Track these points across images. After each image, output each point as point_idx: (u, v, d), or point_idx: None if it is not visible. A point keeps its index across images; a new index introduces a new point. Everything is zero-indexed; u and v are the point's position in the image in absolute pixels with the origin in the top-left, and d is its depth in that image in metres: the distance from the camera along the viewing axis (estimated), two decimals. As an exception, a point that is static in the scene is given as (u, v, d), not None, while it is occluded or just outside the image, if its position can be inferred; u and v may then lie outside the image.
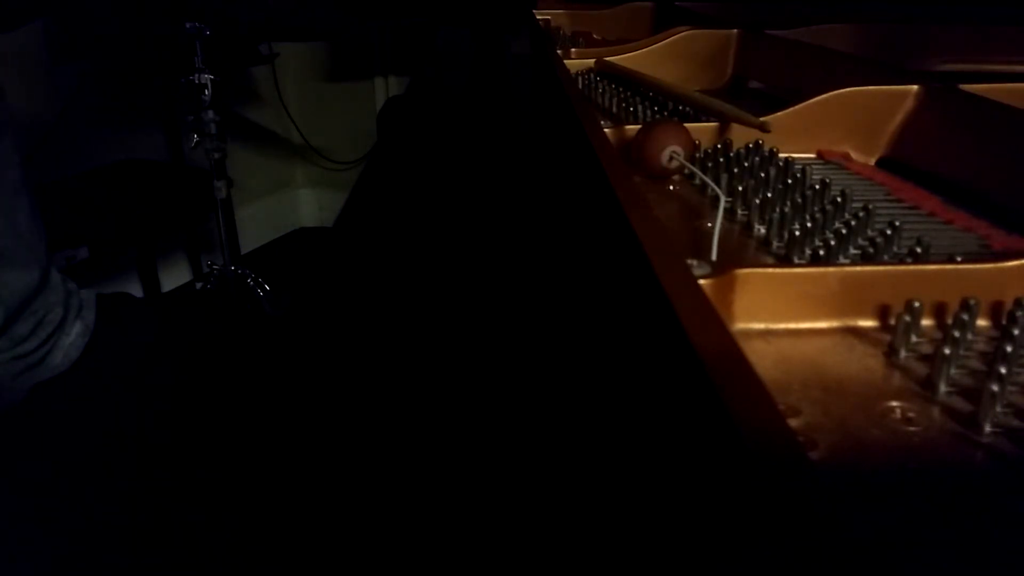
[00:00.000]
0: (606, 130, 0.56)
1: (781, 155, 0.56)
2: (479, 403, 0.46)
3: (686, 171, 0.55)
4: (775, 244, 0.44)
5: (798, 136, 0.59)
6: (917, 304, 0.33)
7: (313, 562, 0.39)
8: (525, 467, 0.40)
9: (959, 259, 0.37)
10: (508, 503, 0.39)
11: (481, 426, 0.45)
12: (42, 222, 0.90)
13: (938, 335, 0.34)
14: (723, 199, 0.46)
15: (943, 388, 0.31)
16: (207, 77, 1.61)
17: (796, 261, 0.41)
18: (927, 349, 0.34)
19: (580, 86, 0.86)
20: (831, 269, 0.36)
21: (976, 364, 0.33)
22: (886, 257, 0.41)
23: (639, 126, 0.56)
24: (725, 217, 0.48)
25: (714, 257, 0.39)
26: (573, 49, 0.95)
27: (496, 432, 0.44)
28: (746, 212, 0.48)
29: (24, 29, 1.41)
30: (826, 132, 0.59)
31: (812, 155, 0.60)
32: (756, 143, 0.57)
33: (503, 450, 0.42)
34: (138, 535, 0.77)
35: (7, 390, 0.88)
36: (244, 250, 1.84)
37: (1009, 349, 0.31)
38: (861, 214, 0.44)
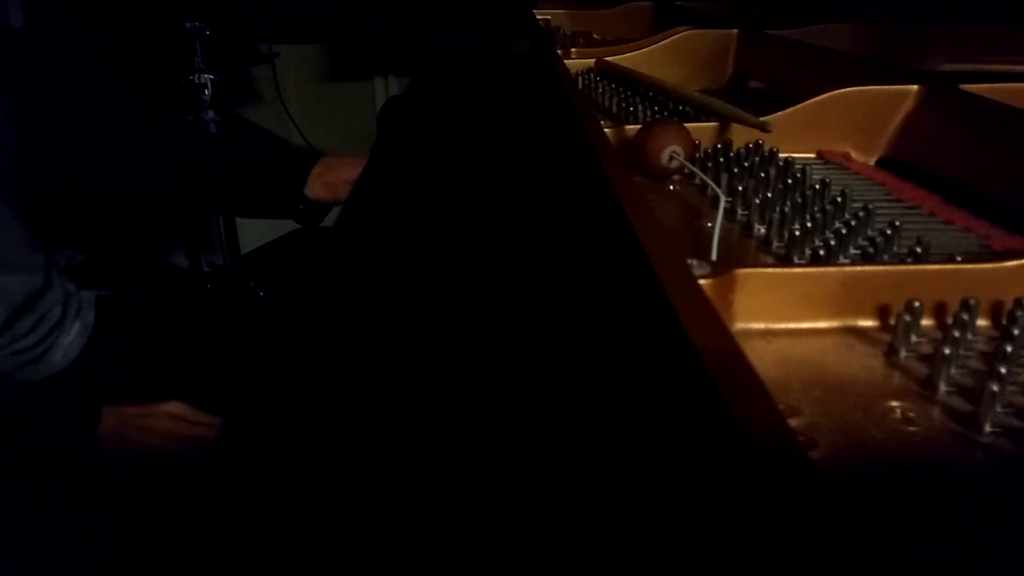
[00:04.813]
0: (606, 130, 0.56)
1: (781, 155, 0.56)
2: (479, 403, 0.46)
3: (686, 171, 0.55)
4: (775, 244, 0.44)
5: (798, 136, 0.59)
6: (917, 304, 0.33)
7: (314, 562, 0.39)
8: (525, 467, 0.40)
9: (959, 259, 0.37)
10: (508, 503, 0.39)
11: (481, 426, 0.45)
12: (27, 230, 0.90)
13: (938, 335, 0.34)
14: (723, 199, 0.46)
15: (943, 388, 0.31)
16: (207, 77, 1.61)
17: (796, 261, 0.41)
18: (927, 349, 0.34)
19: (580, 86, 0.86)
20: (831, 269, 0.36)
21: (976, 364, 0.33)
22: (886, 257, 0.41)
23: (639, 126, 0.56)
24: (725, 217, 0.48)
25: (714, 257, 0.39)
26: (573, 49, 0.95)
27: (496, 432, 0.44)
28: (746, 212, 0.48)
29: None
30: (826, 132, 0.59)
31: (812, 155, 0.60)
32: (756, 143, 0.57)
33: (503, 450, 0.42)
34: (137, 535, 0.77)
35: (7, 389, 0.88)
36: (244, 250, 1.84)
37: (1009, 349, 0.31)
38: (861, 214, 0.44)
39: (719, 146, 0.58)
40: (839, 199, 0.46)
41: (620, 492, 0.34)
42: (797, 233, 0.42)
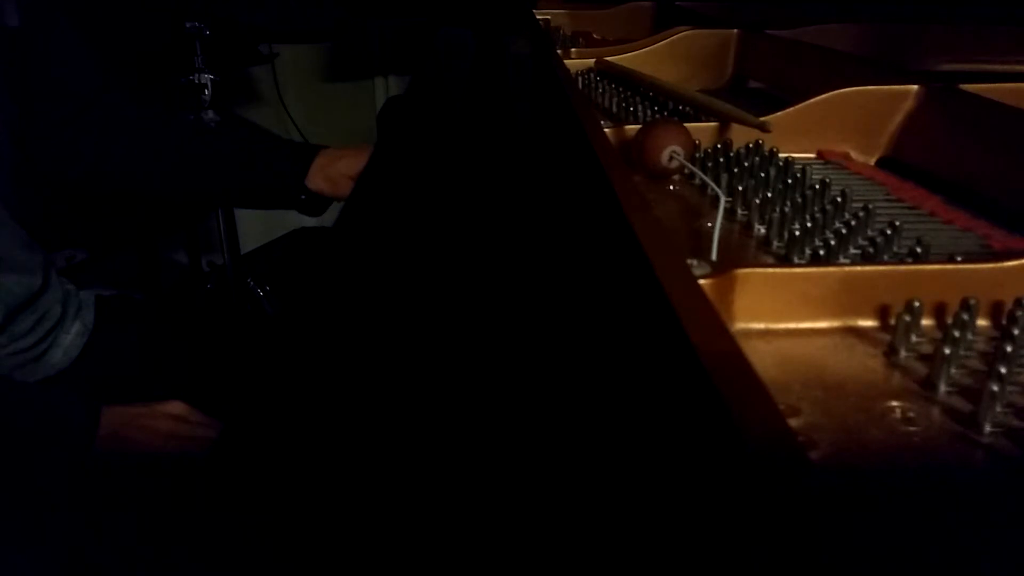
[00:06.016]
0: (606, 130, 0.56)
1: (781, 155, 0.56)
2: (479, 403, 0.46)
3: (686, 171, 0.55)
4: (775, 244, 0.44)
5: (798, 136, 0.59)
6: (917, 304, 0.33)
7: (313, 562, 0.39)
8: (525, 467, 0.40)
9: (959, 259, 0.37)
10: (508, 503, 0.39)
11: (481, 426, 0.45)
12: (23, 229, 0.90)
13: (938, 335, 0.34)
14: (723, 199, 0.46)
15: (943, 388, 0.31)
16: (207, 77, 1.61)
17: (796, 261, 0.41)
18: (927, 349, 0.34)
19: (580, 86, 0.86)
20: (831, 269, 0.36)
21: (976, 364, 0.33)
22: (886, 257, 0.41)
23: (639, 126, 0.56)
24: (725, 217, 0.48)
25: (714, 257, 0.39)
26: (573, 49, 0.95)
27: (496, 432, 0.44)
28: (746, 212, 0.48)
29: None
30: (826, 132, 0.59)
31: (812, 155, 0.60)
32: (756, 143, 0.57)
33: (503, 450, 0.42)
34: (136, 535, 0.77)
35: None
36: (244, 250, 1.84)
37: (1009, 349, 0.31)
38: (861, 214, 0.44)
39: (719, 146, 0.58)
40: (839, 199, 0.46)
41: (620, 492, 0.34)
42: (797, 233, 0.42)
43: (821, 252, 0.40)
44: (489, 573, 0.38)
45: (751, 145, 0.57)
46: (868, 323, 0.36)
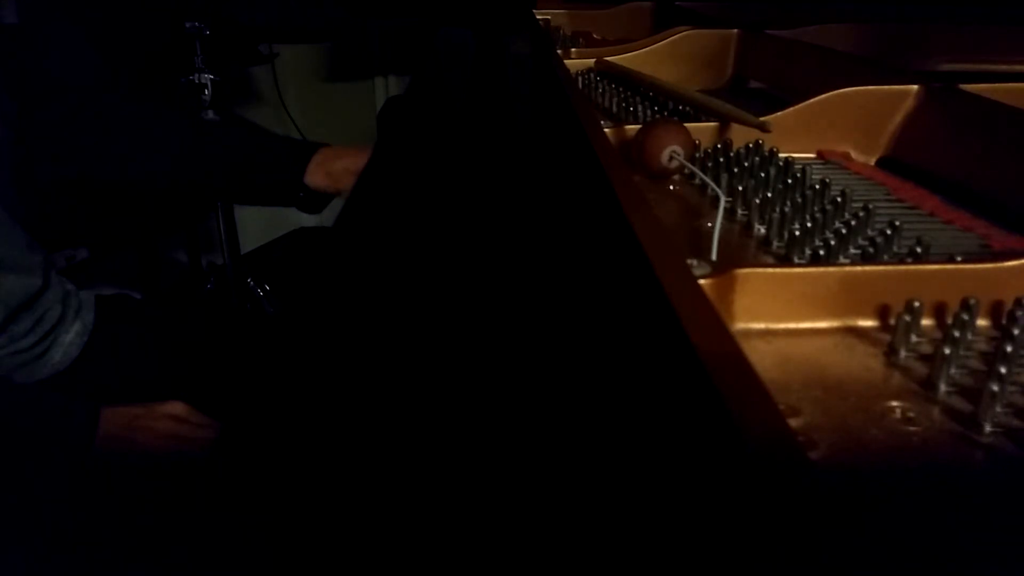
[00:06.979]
0: (606, 130, 0.56)
1: (781, 155, 0.56)
2: (479, 403, 0.46)
3: (686, 171, 0.55)
4: (775, 244, 0.44)
5: (798, 136, 0.59)
6: (917, 304, 0.33)
7: (313, 562, 0.39)
8: (525, 467, 0.40)
9: (959, 259, 0.37)
10: (508, 503, 0.39)
11: (481, 426, 0.45)
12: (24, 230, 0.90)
13: (938, 335, 0.34)
14: (723, 199, 0.46)
15: (943, 388, 0.31)
16: (207, 77, 1.61)
17: (796, 261, 0.41)
18: (927, 349, 0.34)
19: (580, 86, 0.86)
20: (831, 269, 0.36)
21: (976, 364, 0.33)
22: (886, 257, 0.41)
23: (639, 126, 0.56)
24: (725, 217, 0.48)
25: (714, 257, 0.39)
26: (573, 49, 0.95)
27: (496, 432, 0.44)
28: (746, 212, 0.48)
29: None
30: (826, 132, 0.59)
31: (812, 155, 0.60)
32: (756, 143, 0.57)
33: (503, 450, 0.42)
34: (136, 536, 0.77)
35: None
36: (244, 250, 1.84)
37: (1009, 349, 0.31)
38: (861, 214, 0.44)
39: (719, 146, 0.58)
40: (839, 199, 0.46)
41: (620, 492, 0.34)
42: (797, 233, 0.42)
43: (821, 252, 0.40)
44: (489, 573, 0.38)
45: (751, 145, 0.57)
46: (868, 323, 0.36)
